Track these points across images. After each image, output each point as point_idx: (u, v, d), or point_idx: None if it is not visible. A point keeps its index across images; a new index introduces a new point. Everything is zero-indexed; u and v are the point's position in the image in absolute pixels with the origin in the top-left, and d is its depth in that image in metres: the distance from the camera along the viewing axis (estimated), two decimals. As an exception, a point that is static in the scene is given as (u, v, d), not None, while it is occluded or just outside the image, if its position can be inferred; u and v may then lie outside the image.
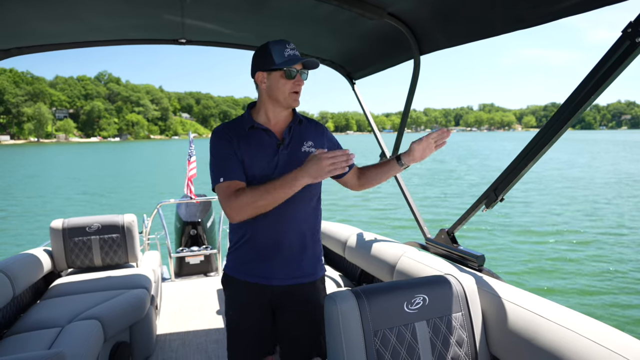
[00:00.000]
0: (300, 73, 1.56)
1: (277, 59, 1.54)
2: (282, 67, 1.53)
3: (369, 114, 3.16)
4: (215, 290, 4.38)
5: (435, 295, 1.57)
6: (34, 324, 2.46)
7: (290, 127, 1.64)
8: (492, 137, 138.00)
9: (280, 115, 1.64)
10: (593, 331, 1.34)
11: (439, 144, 1.68)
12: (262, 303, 1.64)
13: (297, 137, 1.64)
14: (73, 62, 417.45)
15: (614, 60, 1.33)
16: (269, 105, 1.62)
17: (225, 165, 1.55)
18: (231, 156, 1.56)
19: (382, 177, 1.80)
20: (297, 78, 1.56)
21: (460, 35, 2.05)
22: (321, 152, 1.37)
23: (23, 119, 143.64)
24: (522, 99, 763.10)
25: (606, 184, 19.53)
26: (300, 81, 1.57)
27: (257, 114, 1.65)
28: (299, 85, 1.57)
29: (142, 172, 30.85)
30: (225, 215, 1.45)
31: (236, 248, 1.65)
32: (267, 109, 1.62)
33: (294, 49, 1.57)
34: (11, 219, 14.39)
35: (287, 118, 1.67)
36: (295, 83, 1.56)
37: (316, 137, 1.69)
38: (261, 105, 1.64)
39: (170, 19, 2.43)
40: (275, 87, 1.57)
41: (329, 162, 1.34)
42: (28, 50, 2.63)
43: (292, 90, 1.56)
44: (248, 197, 1.47)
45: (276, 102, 1.60)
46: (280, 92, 1.57)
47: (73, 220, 3.58)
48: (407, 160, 1.68)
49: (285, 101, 1.58)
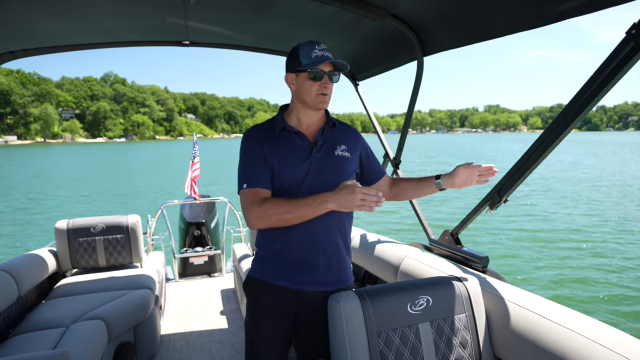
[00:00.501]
0: (329, 75, 1.52)
1: (304, 60, 1.51)
2: (308, 69, 1.51)
3: (373, 115, 3.17)
4: (219, 290, 4.37)
5: (439, 296, 1.56)
6: (38, 323, 2.48)
7: (324, 129, 1.60)
8: (497, 138, 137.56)
9: (313, 118, 1.60)
10: (597, 333, 1.33)
11: (482, 180, 1.62)
12: (289, 308, 1.58)
13: (331, 140, 1.60)
14: (79, 63, 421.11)
15: (618, 62, 1.32)
16: (299, 107, 1.59)
17: (252, 171, 1.52)
18: (259, 161, 1.53)
19: (416, 194, 1.75)
20: (324, 80, 1.51)
21: (463, 36, 2.04)
22: (354, 185, 1.35)
23: (30, 120, 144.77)
24: (528, 100, 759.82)
25: (613, 186, 19.37)
26: (327, 83, 1.52)
27: (288, 116, 1.62)
28: (326, 87, 1.52)
29: (146, 173, 31.02)
30: (244, 220, 1.53)
31: (266, 252, 1.60)
32: (298, 111, 1.59)
33: (324, 50, 1.52)
34: (16, 219, 14.47)
35: (319, 121, 1.63)
36: (322, 85, 1.52)
37: (349, 141, 1.64)
38: (292, 107, 1.62)
39: (174, 21, 2.45)
40: (302, 89, 1.54)
41: (360, 197, 1.32)
42: (33, 52, 2.65)
43: (318, 92, 1.52)
44: (273, 209, 1.45)
45: (305, 104, 1.56)
46: (307, 94, 1.53)
47: (78, 221, 3.60)
48: (446, 184, 1.64)
49: (313, 103, 1.54)
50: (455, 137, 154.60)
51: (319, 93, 1.52)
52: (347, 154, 1.60)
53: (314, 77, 1.50)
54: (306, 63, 1.51)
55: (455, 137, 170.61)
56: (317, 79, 1.51)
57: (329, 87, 1.53)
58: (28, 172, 33.06)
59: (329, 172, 1.55)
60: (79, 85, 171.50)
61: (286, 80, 1.60)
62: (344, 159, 1.59)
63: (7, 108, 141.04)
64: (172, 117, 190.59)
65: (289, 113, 1.63)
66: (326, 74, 1.52)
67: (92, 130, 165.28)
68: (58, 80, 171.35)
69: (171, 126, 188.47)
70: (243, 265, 3.55)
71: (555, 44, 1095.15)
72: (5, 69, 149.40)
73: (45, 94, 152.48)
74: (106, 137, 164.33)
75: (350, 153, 1.61)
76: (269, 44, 3.08)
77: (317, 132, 1.60)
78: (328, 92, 1.54)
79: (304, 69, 1.51)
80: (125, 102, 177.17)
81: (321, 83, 1.51)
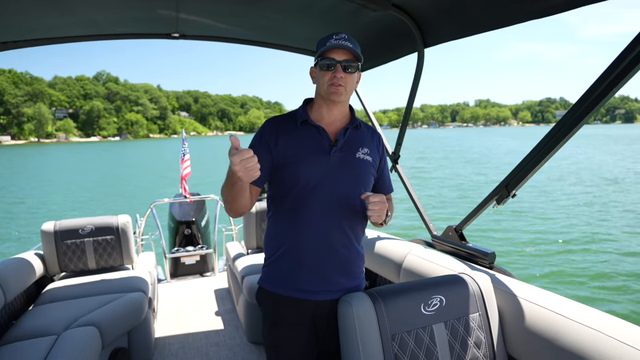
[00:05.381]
0: (343, 64, 1.42)
1: (319, 50, 1.46)
2: (318, 59, 1.46)
3: (369, 109, 3.11)
4: (212, 290, 4.28)
5: (452, 295, 1.52)
6: (27, 332, 2.34)
7: (347, 129, 1.53)
8: (488, 132, 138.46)
9: (335, 114, 1.53)
10: (619, 331, 1.27)
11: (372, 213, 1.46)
12: (305, 320, 1.51)
13: (353, 141, 1.53)
14: (71, 62, 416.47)
15: (630, 60, 1.29)
16: (320, 101, 1.53)
17: None
18: (259, 154, 1.43)
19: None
20: (336, 69, 1.42)
21: (465, 27, 2.01)
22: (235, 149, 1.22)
23: (23, 120, 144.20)
24: (518, 94, 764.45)
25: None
26: (339, 72, 1.42)
27: (311, 110, 1.56)
28: (336, 76, 1.42)
29: (137, 172, 30.15)
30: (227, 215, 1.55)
31: (273, 260, 1.54)
32: (320, 105, 1.53)
33: (341, 39, 1.44)
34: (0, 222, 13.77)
35: (343, 119, 1.56)
36: (334, 74, 1.43)
37: (372, 145, 1.59)
38: (315, 101, 1.56)
39: (165, 13, 2.40)
40: (318, 80, 1.49)
41: (236, 159, 1.20)
42: (25, 43, 2.60)
43: (330, 82, 1.44)
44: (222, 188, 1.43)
45: (323, 97, 1.50)
46: (320, 85, 1.48)
47: (65, 222, 3.45)
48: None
49: (325, 94, 1.47)
50: (446, 132, 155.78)
51: (330, 83, 1.44)
52: (369, 158, 1.54)
53: (326, 67, 1.43)
54: (319, 52, 1.45)
55: (447, 131, 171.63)
56: (328, 68, 1.43)
57: (341, 77, 1.43)
58: (13, 173, 32.27)
59: (348, 174, 1.48)
60: (71, 85, 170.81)
61: (310, 74, 1.55)
62: (365, 162, 1.53)
63: (0, 108, 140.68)
64: (165, 116, 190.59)
65: (312, 107, 1.56)
66: (339, 62, 1.42)
67: (86, 129, 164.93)
68: (50, 79, 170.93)
69: (165, 124, 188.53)
70: (238, 264, 3.52)
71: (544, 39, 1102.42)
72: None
73: (38, 93, 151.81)
74: (100, 136, 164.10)
75: (371, 157, 1.55)
76: (264, 37, 3.00)
77: (339, 131, 1.52)
78: (342, 82, 1.43)
79: (317, 58, 1.47)
80: (119, 100, 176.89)
81: (333, 72, 1.43)
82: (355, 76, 1.49)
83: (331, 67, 1.43)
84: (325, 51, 1.43)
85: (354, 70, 1.46)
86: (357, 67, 1.47)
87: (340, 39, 1.44)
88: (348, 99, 1.53)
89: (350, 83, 1.47)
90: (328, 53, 1.43)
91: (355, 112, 1.59)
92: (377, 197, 1.39)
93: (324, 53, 1.44)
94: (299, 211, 1.47)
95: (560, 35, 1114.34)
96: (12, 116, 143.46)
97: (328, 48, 1.42)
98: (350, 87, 1.48)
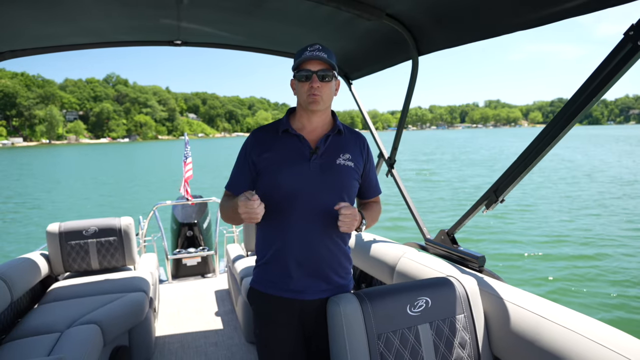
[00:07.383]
0: (318, 74, 1.46)
1: (295, 62, 1.51)
2: (295, 71, 1.51)
3: (366, 113, 3.20)
4: (213, 291, 4.35)
5: (438, 297, 1.56)
6: (32, 329, 2.43)
7: (328, 136, 1.55)
8: (497, 133, 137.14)
9: (316, 122, 1.56)
10: (596, 332, 1.32)
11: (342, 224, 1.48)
12: (293, 319, 1.56)
13: (334, 147, 1.56)
14: (81, 64, 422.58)
15: (616, 63, 1.30)
16: (301, 110, 1.57)
17: (235, 175, 1.61)
18: (242, 167, 1.57)
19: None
20: (313, 79, 1.46)
21: (458, 36, 2.04)
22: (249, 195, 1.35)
23: (35, 122, 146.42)
24: (529, 94, 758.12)
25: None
26: (315, 82, 1.46)
27: (293, 119, 1.61)
28: (313, 87, 1.46)
29: (143, 174, 30.46)
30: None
31: (264, 262, 1.59)
32: (301, 115, 1.57)
33: (315, 49, 1.48)
34: (6, 223, 14.09)
35: (325, 126, 1.59)
36: (311, 85, 1.47)
37: (355, 150, 1.60)
38: (297, 110, 1.60)
39: (166, 21, 2.44)
40: (297, 91, 1.54)
41: (242, 210, 1.36)
42: (22, 53, 2.61)
43: (308, 93, 1.48)
44: (222, 203, 1.61)
45: (303, 107, 1.55)
46: (299, 95, 1.52)
47: (69, 223, 3.54)
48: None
49: (305, 104, 1.51)
50: (455, 133, 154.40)
51: (308, 93, 1.47)
52: (350, 163, 1.55)
53: (303, 78, 1.47)
54: (295, 65, 1.50)
55: (456, 132, 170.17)
56: (302, 79, 1.48)
57: (317, 87, 1.46)
58: (19, 174, 32.53)
59: (328, 180, 1.51)
60: (82, 87, 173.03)
61: (291, 86, 1.58)
62: (346, 167, 1.54)
63: (12, 110, 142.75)
64: (174, 117, 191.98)
65: (294, 116, 1.61)
66: (314, 73, 1.46)
67: (96, 131, 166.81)
68: (61, 82, 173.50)
69: (173, 126, 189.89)
70: (237, 266, 3.58)
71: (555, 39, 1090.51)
72: (10, 72, 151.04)
73: (49, 95, 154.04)
74: (110, 138, 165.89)
75: (354, 162, 1.57)
76: (263, 44, 3.06)
77: (320, 139, 1.55)
78: (318, 92, 1.47)
79: (294, 70, 1.51)
80: (128, 102, 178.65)
81: (310, 83, 1.47)
82: (333, 84, 1.53)
83: (308, 78, 1.47)
84: (301, 63, 1.48)
85: (330, 79, 1.50)
86: (332, 76, 1.50)
87: (315, 50, 1.48)
88: (328, 106, 1.56)
89: (327, 92, 1.51)
90: (304, 65, 1.48)
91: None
92: (348, 210, 1.42)
93: (300, 65, 1.48)
94: (283, 217, 1.52)
95: (572, 36, 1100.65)
96: (24, 118, 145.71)
97: (303, 60, 1.47)
98: (328, 96, 1.52)
